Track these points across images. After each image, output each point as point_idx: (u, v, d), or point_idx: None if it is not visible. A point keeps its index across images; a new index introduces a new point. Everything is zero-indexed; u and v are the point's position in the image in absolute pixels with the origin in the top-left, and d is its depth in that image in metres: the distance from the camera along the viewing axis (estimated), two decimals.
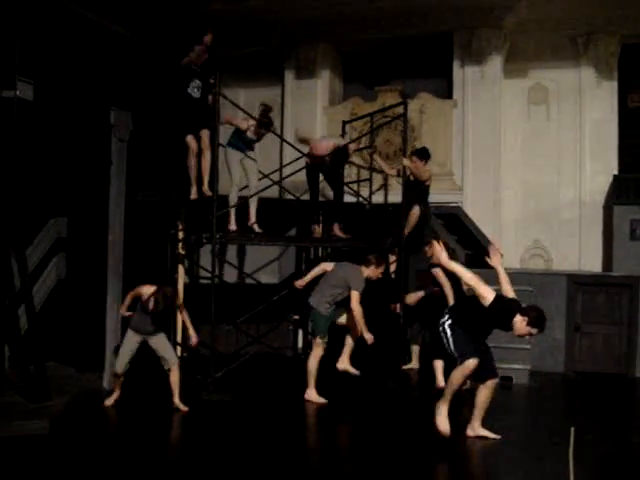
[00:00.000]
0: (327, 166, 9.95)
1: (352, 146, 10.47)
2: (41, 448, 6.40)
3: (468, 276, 6.38)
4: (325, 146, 9.89)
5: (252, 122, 9.13)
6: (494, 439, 6.59)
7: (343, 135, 11.49)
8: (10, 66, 8.03)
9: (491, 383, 6.60)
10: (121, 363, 7.76)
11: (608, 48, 11.82)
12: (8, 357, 8.41)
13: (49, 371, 8.18)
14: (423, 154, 10.14)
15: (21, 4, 8.20)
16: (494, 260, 6.61)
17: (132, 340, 7.78)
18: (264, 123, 9.15)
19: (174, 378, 7.71)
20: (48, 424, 6.89)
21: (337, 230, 10.08)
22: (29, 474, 5.74)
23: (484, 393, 6.60)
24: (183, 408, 7.61)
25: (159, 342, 7.79)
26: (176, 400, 7.66)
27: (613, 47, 11.84)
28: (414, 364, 9.80)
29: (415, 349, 9.84)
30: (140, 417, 7.49)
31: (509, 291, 6.44)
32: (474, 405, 6.68)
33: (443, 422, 6.38)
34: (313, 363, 8.19)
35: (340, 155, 9.94)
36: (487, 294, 6.21)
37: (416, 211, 10.00)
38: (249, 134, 9.15)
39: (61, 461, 6.09)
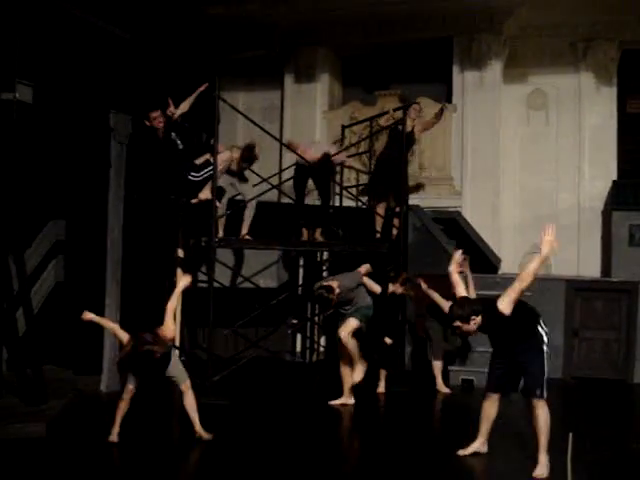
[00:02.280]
0: (316, 170, 9.96)
1: (340, 157, 10.43)
2: (38, 451, 6.37)
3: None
4: (312, 153, 9.88)
5: (235, 155, 9.20)
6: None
7: (342, 140, 11.49)
8: (10, 68, 8.04)
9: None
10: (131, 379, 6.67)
11: (607, 54, 11.85)
12: (6, 360, 8.39)
13: (46, 374, 8.16)
14: None
15: (21, 7, 8.21)
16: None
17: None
18: (246, 158, 9.22)
19: (189, 401, 6.62)
20: (45, 427, 6.87)
21: (319, 236, 10.12)
22: (26, 477, 5.73)
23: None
24: (206, 436, 6.61)
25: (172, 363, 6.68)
26: (198, 428, 6.63)
27: (612, 53, 11.87)
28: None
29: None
30: (138, 420, 7.46)
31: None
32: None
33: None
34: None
35: (325, 166, 9.95)
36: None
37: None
38: (232, 167, 9.21)
39: (58, 464, 6.07)
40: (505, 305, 5.69)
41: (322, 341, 11.38)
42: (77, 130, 9.17)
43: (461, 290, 6.24)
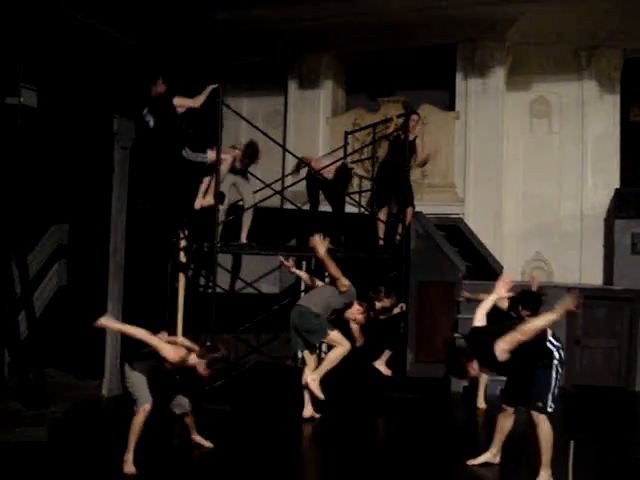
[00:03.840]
0: (327, 183, 9.97)
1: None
2: (39, 455, 6.38)
3: None
4: (326, 164, 9.90)
5: (237, 153, 9.17)
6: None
7: (345, 146, 11.50)
8: (14, 73, 8.06)
9: None
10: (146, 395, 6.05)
11: (611, 62, 11.86)
12: (7, 363, 8.40)
13: (48, 378, 8.18)
14: None
15: (25, 12, 8.23)
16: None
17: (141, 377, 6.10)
18: (248, 155, 9.18)
19: (190, 420, 6.56)
20: (47, 431, 6.87)
21: (327, 243, 10.10)
22: None
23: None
24: (207, 444, 6.60)
25: (173, 386, 6.39)
26: (196, 437, 6.62)
27: (616, 61, 11.87)
28: None
29: None
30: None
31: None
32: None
33: None
34: None
35: (343, 174, 9.96)
36: None
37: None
38: (236, 164, 9.16)
39: (59, 468, 6.08)
40: (501, 352, 5.49)
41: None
42: (81, 135, 9.19)
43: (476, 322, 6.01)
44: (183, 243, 9.41)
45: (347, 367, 8.28)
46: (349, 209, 11.19)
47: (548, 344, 5.82)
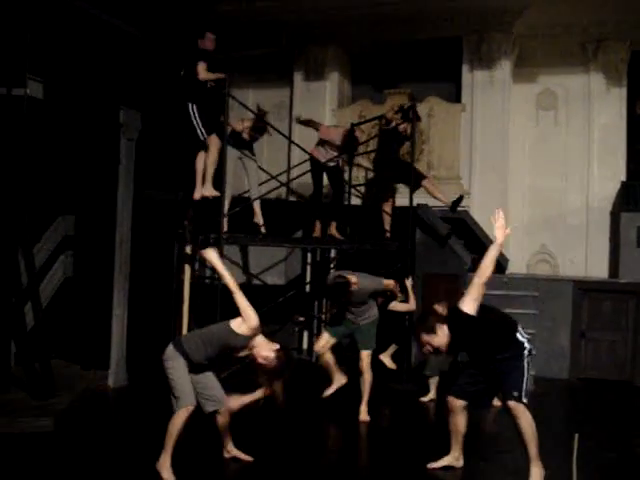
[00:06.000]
0: (331, 166, 9.94)
1: (358, 133, 10.42)
2: (46, 445, 6.42)
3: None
4: (336, 131, 9.89)
5: (247, 124, 9.00)
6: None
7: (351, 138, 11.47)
8: (20, 64, 8.07)
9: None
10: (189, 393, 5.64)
11: (618, 54, 11.82)
12: (14, 354, 8.44)
13: (54, 368, 8.20)
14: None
15: (31, 3, 8.24)
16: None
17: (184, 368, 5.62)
18: (257, 127, 9.03)
19: (223, 421, 5.97)
20: (53, 421, 6.91)
21: (334, 230, 10.07)
22: (34, 471, 5.77)
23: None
24: (245, 458, 6.11)
25: (207, 378, 5.82)
26: (233, 449, 6.16)
27: (623, 53, 11.83)
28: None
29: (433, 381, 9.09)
30: (145, 415, 7.50)
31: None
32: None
33: None
34: None
35: (351, 140, 9.93)
36: None
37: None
38: (244, 136, 9.01)
39: (66, 458, 6.12)
40: (467, 303, 5.39)
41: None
42: (87, 126, 9.21)
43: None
44: (189, 234, 9.42)
45: (353, 360, 8.29)
46: (354, 201, 11.20)
47: (518, 335, 5.63)
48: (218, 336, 5.62)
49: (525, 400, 5.50)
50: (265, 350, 5.58)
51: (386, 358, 9.20)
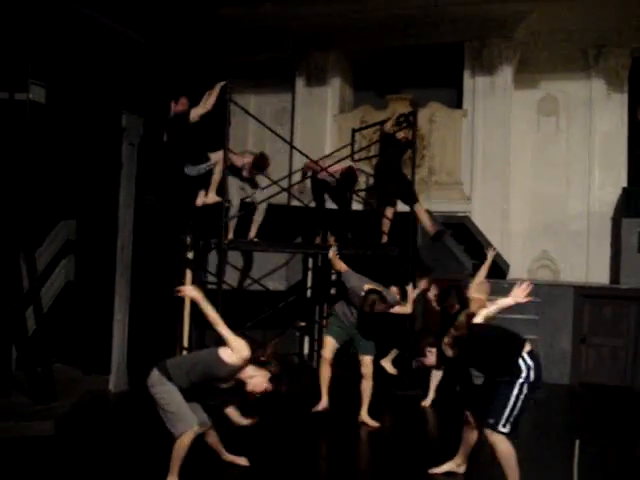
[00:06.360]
0: (333, 186, 9.95)
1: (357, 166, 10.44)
2: (47, 449, 6.43)
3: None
4: (333, 168, 9.83)
5: (247, 160, 8.91)
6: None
7: (353, 144, 11.48)
8: (23, 69, 8.10)
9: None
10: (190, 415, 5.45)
11: (619, 60, 11.83)
12: (15, 358, 8.45)
13: (56, 373, 8.21)
14: None
15: (34, 8, 8.26)
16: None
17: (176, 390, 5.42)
18: (258, 166, 8.93)
19: (214, 439, 5.95)
20: (54, 426, 6.91)
21: (332, 243, 10.11)
22: (34, 475, 5.77)
23: None
24: (243, 462, 6.09)
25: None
26: (228, 455, 6.09)
27: (624, 60, 11.84)
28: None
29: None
30: (145, 420, 7.49)
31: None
32: None
33: None
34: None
35: (349, 179, 9.89)
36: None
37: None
38: (243, 173, 8.95)
39: (66, 462, 6.11)
40: (445, 346, 5.47)
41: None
42: (89, 131, 9.23)
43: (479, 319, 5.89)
44: (190, 240, 9.44)
45: (354, 366, 8.29)
46: (355, 206, 11.20)
47: (520, 361, 5.32)
48: (205, 364, 5.40)
49: (504, 429, 5.25)
50: (261, 383, 5.43)
51: (387, 363, 9.20)
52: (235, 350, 5.27)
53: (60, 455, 6.33)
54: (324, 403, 8.11)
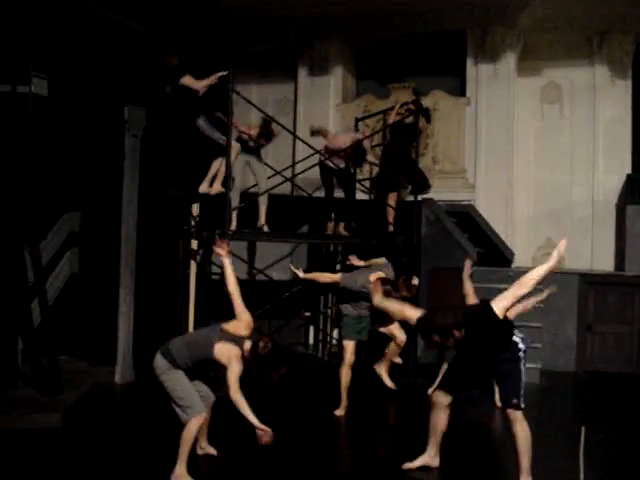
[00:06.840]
0: (341, 169, 9.95)
1: (366, 143, 10.42)
2: (53, 441, 6.45)
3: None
4: (343, 139, 9.85)
5: (253, 131, 9.02)
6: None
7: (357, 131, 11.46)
8: (25, 62, 8.08)
9: None
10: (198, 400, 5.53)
11: (623, 47, 11.78)
12: (21, 350, 8.47)
13: (61, 365, 8.23)
14: None
15: (36, 0, 8.25)
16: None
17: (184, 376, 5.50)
18: (263, 134, 9.01)
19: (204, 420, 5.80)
20: (60, 418, 6.94)
21: (342, 230, 10.11)
22: (42, 467, 5.79)
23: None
24: (217, 453, 6.11)
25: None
26: (206, 445, 6.13)
27: (628, 46, 11.79)
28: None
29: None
30: (151, 411, 7.51)
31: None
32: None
33: None
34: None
35: (358, 151, 9.89)
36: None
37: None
38: (250, 143, 9.05)
39: (73, 454, 6.14)
40: (501, 310, 5.14)
41: (335, 334, 11.39)
42: (92, 123, 9.22)
43: (471, 301, 6.01)
44: (194, 230, 9.45)
45: (360, 355, 8.29)
46: (360, 196, 11.19)
47: (514, 337, 5.46)
48: (207, 338, 5.42)
49: (523, 405, 5.38)
50: (247, 349, 5.44)
51: (382, 371, 9.09)
52: (239, 317, 5.52)
53: (67, 447, 6.35)
54: (344, 407, 7.95)
